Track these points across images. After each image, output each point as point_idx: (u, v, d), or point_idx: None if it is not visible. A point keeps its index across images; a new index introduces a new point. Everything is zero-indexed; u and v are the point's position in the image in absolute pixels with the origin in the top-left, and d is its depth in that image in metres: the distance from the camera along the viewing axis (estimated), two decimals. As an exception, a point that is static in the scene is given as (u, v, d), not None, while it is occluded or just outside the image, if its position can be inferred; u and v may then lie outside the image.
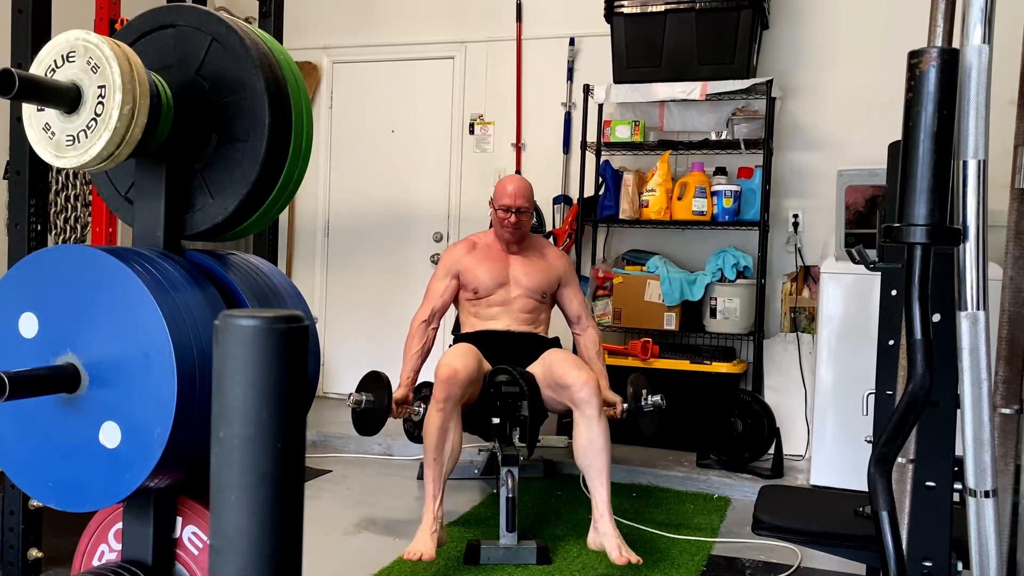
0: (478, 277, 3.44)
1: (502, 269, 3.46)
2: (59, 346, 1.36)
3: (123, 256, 1.35)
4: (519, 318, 3.44)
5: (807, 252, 4.65)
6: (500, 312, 3.44)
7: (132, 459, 1.31)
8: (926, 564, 1.58)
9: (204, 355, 1.33)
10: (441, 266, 3.52)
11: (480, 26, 5.31)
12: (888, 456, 1.33)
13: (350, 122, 5.68)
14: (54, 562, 2.70)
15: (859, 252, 1.65)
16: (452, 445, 3.02)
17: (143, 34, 1.53)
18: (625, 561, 2.78)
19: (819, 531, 2.21)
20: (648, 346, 4.45)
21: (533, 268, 3.48)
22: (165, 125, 1.44)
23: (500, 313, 3.44)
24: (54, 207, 4.67)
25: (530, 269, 3.48)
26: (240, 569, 0.62)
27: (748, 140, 4.53)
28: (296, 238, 5.80)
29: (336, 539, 3.29)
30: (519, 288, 3.45)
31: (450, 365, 3.06)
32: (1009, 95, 1.81)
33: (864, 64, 4.53)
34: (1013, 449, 1.64)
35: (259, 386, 0.62)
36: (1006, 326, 1.65)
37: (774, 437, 4.13)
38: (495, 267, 3.46)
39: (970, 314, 1.33)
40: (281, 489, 0.63)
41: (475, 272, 3.45)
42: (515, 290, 3.45)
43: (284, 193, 1.58)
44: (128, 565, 1.42)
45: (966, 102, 1.30)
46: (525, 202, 3.37)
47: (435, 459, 2.99)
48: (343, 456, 4.53)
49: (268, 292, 1.57)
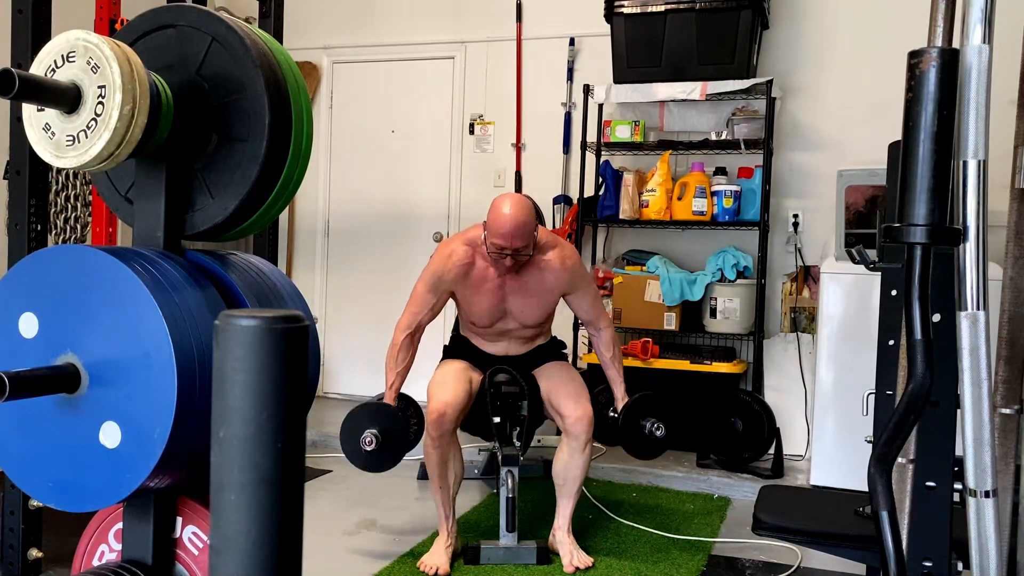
0: (473, 311, 3.17)
1: (498, 303, 3.14)
2: (59, 346, 1.36)
3: (123, 256, 1.35)
4: (517, 343, 3.28)
5: (807, 252, 4.65)
6: (498, 338, 3.26)
7: (132, 459, 1.31)
8: (926, 564, 1.58)
9: (204, 355, 1.33)
10: (432, 274, 3.11)
11: (480, 26, 5.31)
12: (888, 456, 1.33)
13: (350, 122, 5.68)
14: (54, 562, 2.70)
15: (859, 252, 1.66)
16: (455, 472, 3.06)
17: (143, 34, 1.53)
18: (573, 569, 2.97)
19: (819, 531, 2.21)
20: (648, 346, 4.45)
21: (531, 297, 3.14)
22: (165, 125, 1.44)
23: (498, 338, 3.26)
24: (54, 207, 4.67)
25: (528, 300, 3.14)
26: (240, 569, 0.62)
27: (748, 140, 4.53)
28: (296, 238, 5.80)
29: (336, 539, 3.29)
30: (515, 321, 3.18)
31: (441, 401, 2.97)
32: (1009, 95, 1.81)
33: (864, 64, 4.53)
34: (1013, 449, 1.64)
35: (259, 386, 0.62)
36: (1006, 326, 1.65)
37: (774, 437, 4.13)
38: (491, 301, 3.13)
39: (970, 314, 1.33)
40: (281, 489, 0.63)
41: (470, 305, 3.16)
42: (511, 323, 3.19)
43: (284, 193, 1.58)
44: (128, 565, 1.42)
45: (966, 102, 1.30)
46: (523, 242, 2.93)
47: (440, 487, 3.04)
48: (343, 456, 4.51)
49: (268, 292, 1.57)
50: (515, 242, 2.91)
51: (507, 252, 2.94)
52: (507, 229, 2.89)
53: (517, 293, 3.12)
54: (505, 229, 2.89)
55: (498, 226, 2.90)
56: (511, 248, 2.93)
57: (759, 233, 4.44)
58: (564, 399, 3.10)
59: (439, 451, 2.99)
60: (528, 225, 2.93)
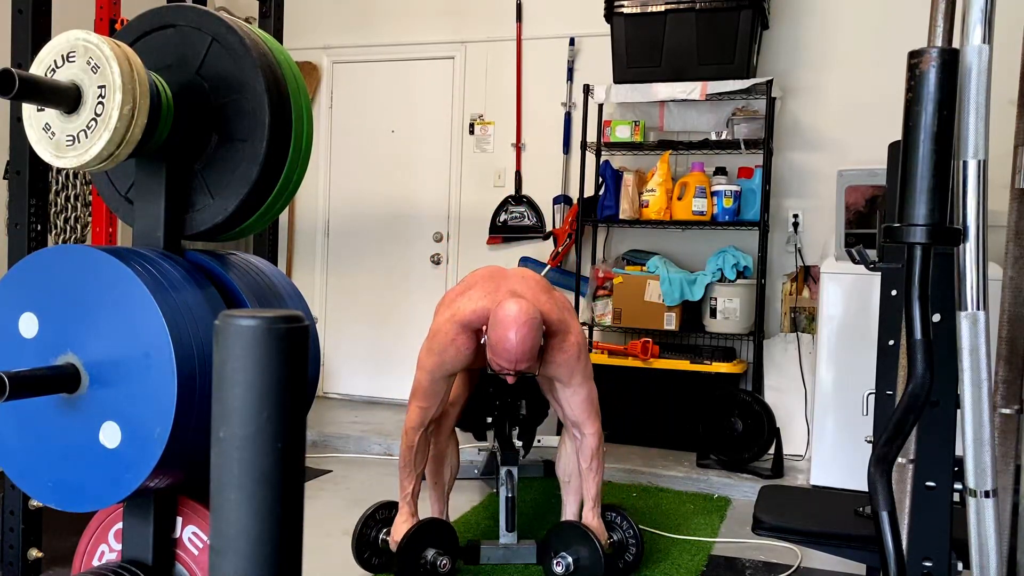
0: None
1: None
2: (59, 346, 1.36)
3: (123, 256, 1.35)
4: None
5: (807, 252, 4.65)
6: None
7: (132, 459, 1.31)
8: (926, 564, 1.58)
9: (204, 355, 1.33)
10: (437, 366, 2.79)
11: (480, 26, 5.31)
12: (888, 456, 1.33)
13: (350, 122, 5.68)
14: (54, 562, 2.69)
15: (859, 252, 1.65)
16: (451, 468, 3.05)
17: (143, 34, 1.52)
18: None
19: (819, 531, 2.21)
20: (648, 346, 4.45)
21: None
22: (165, 125, 1.44)
23: None
24: (54, 207, 4.67)
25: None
26: (240, 569, 0.62)
27: (748, 140, 4.53)
28: (296, 238, 5.80)
29: (336, 539, 3.28)
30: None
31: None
32: (1009, 95, 1.81)
33: (864, 64, 4.53)
34: (1013, 449, 1.64)
35: (259, 386, 0.62)
36: (1006, 326, 1.65)
37: (774, 437, 4.13)
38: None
39: (970, 314, 1.33)
40: (281, 489, 0.63)
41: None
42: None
43: (284, 193, 1.58)
44: (128, 565, 1.42)
45: (966, 102, 1.30)
46: (528, 364, 2.65)
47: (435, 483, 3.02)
48: (343, 456, 4.53)
49: (268, 292, 1.57)
50: (520, 366, 2.64)
51: (509, 373, 2.68)
52: (513, 356, 2.60)
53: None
54: (511, 355, 2.60)
55: (502, 350, 2.60)
56: (515, 370, 2.66)
57: (759, 233, 4.44)
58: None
59: (437, 448, 2.98)
60: (535, 348, 2.63)
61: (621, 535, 2.94)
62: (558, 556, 2.79)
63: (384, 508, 3.00)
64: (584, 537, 2.78)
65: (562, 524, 2.91)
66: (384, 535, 2.95)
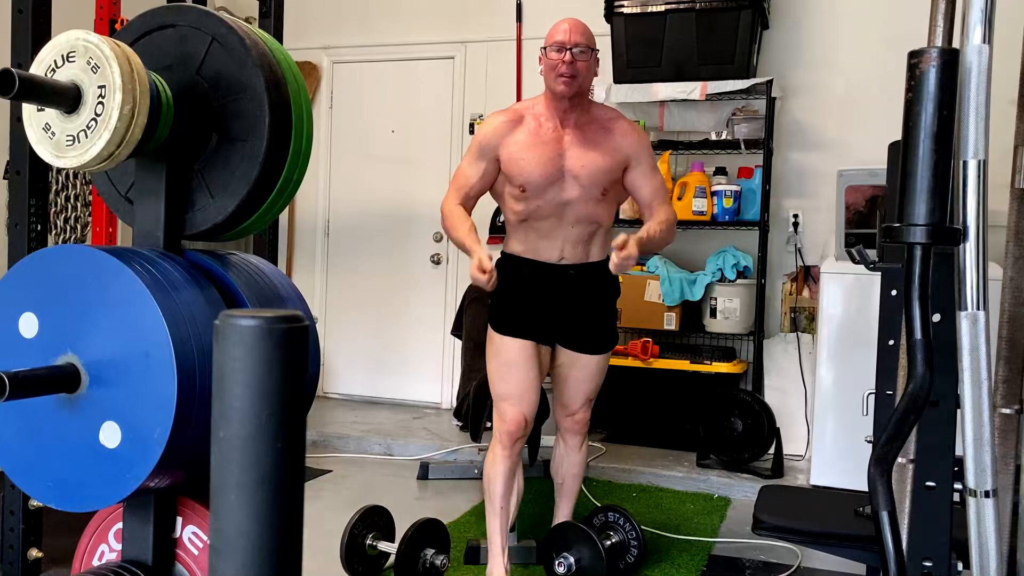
0: (525, 169, 2.69)
1: (555, 157, 2.70)
2: (59, 346, 1.36)
3: (123, 256, 1.35)
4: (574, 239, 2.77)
5: (807, 252, 4.65)
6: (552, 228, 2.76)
7: (132, 459, 1.31)
8: (926, 564, 1.58)
9: (204, 355, 1.33)
10: (476, 143, 2.77)
11: (480, 26, 5.31)
12: (888, 456, 1.33)
13: (350, 122, 5.68)
14: (54, 562, 2.69)
15: (859, 252, 1.66)
16: (519, 490, 2.87)
17: (143, 34, 1.53)
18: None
19: (819, 531, 2.21)
20: (648, 346, 4.45)
21: (593, 150, 2.72)
22: (165, 125, 1.44)
23: (552, 230, 2.76)
24: (54, 207, 4.67)
25: (589, 151, 2.72)
26: (240, 569, 0.62)
27: (748, 140, 4.53)
28: (296, 238, 5.80)
29: (336, 539, 3.28)
30: (575, 186, 2.70)
31: (519, 410, 2.75)
32: (1009, 95, 1.81)
33: (864, 64, 4.53)
34: (1013, 449, 1.64)
35: (259, 386, 0.62)
36: (1006, 326, 1.65)
37: (774, 437, 4.13)
38: (546, 153, 2.70)
39: (970, 314, 1.33)
40: (281, 489, 0.63)
41: (521, 160, 2.70)
42: (570, 189, 2.71)
43: (284, 193, 1.58)
44: (128, 565, 1.42)
45: (966, 102, 1.30)
46: (582, 39, 2.65)
47: (502, 508, 2.79)
48: (343, 456, 4.53)
49: (268, 292, 1.57)
50: (575, 36, 2.65)
51: (567, 48, 2.63)
52: (566, 25, 2.67)
53: (578, 145, 2.72)
54: (564, 26, 2.68)
55: (556, 27, 2.70)
56: (571, 43, 2.63)
57: (759, 233, 4.44)
58: (575, 394, 2.92)
59: (508, 461, 2.76)
60: (587, 30, 2.71)
61: (622, 535, 2.95)
62: (560, 556, 2.79)
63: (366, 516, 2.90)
64: (586, 537, 2.78)
65: (564, 524, 2.92)
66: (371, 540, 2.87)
